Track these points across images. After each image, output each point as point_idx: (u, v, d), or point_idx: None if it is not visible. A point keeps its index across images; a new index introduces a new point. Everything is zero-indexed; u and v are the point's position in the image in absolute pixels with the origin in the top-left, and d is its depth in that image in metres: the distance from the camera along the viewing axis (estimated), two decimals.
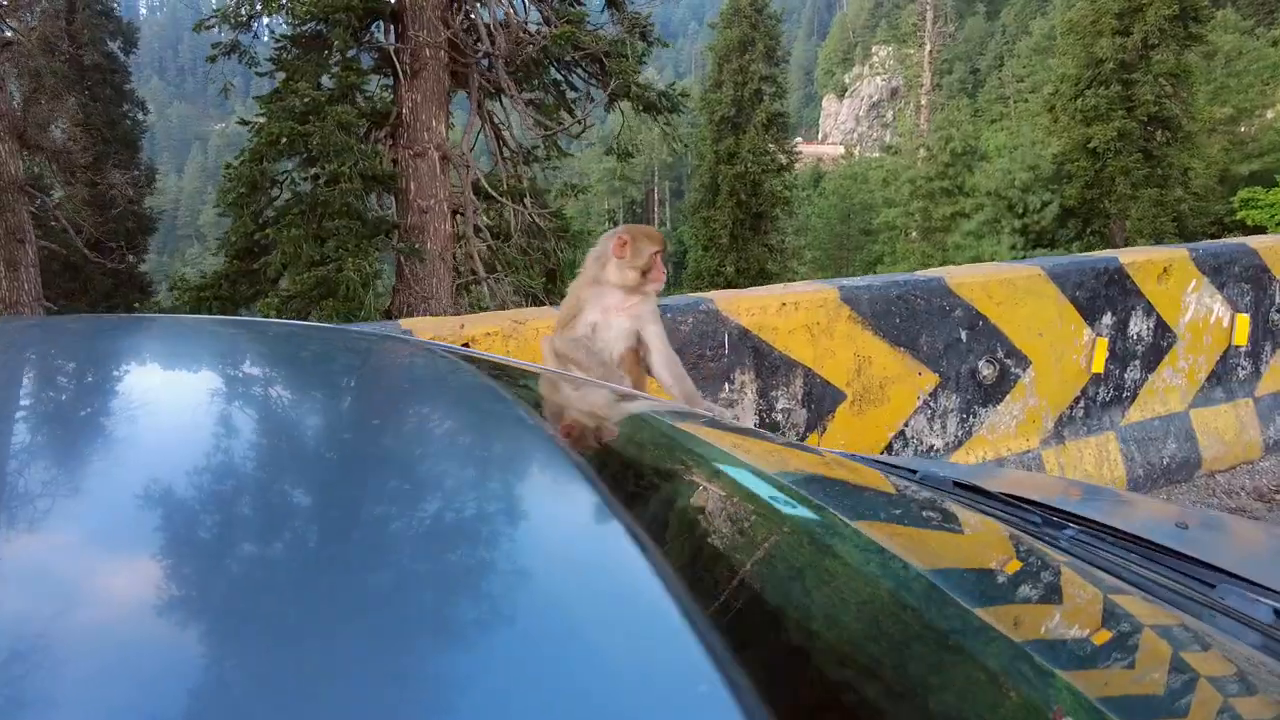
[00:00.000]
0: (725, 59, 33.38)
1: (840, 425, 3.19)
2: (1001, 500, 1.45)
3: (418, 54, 11.03)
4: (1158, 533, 1.36)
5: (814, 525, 1.02)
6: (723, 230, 33.80)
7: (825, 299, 3.13)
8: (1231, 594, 1.10)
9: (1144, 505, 1.65)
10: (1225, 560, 1.25)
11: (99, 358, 1.10)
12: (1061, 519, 1.39)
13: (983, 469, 2.17)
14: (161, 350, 1.20)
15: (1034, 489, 1.58)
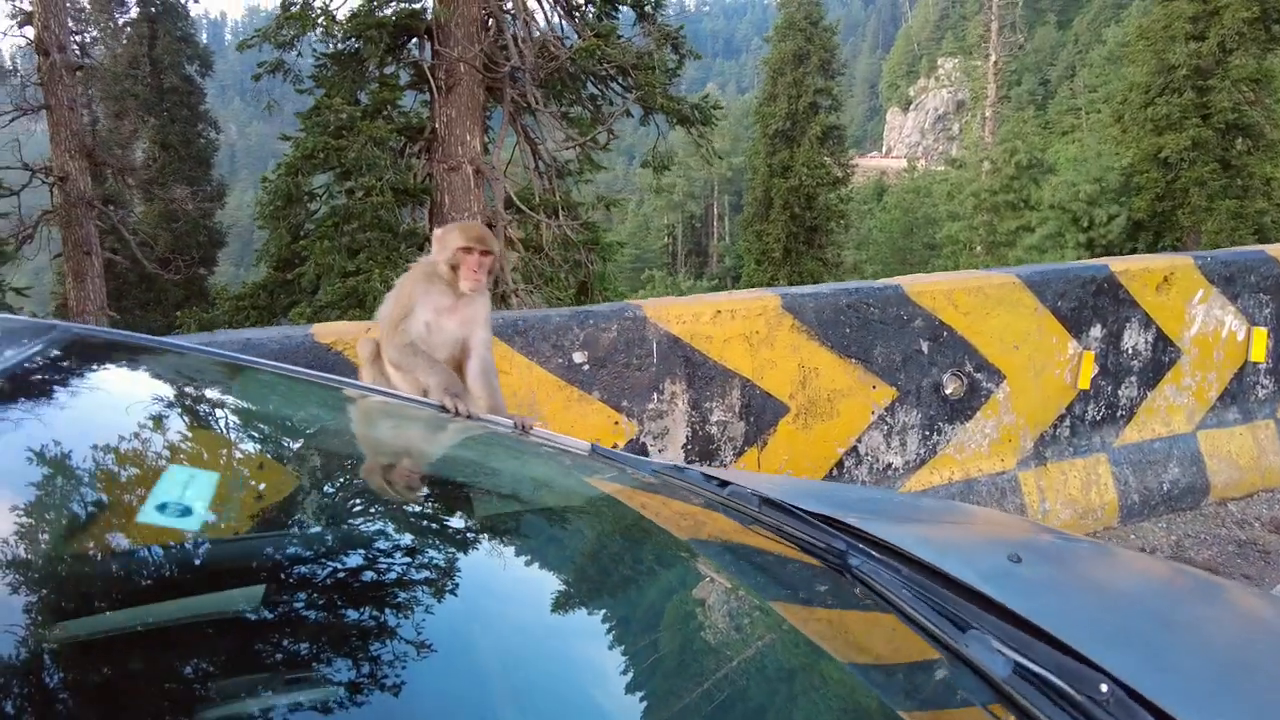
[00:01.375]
0: (779, 72, 33.14)
1: (783, 440, 3.01)
2: (807, 520, 1.29)
3: (452, 70, 11.19)
4: (976, 563, 1.19)
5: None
6: (775, 244, 33.46)
7: (765, 307, 2.96)
8: (976, 641, 0.93)
9: (985, 529, 1.46)
10: (1026, 603, 1.06)
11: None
12: (864, 542, 1.23)
13: (820, 487, 1.97)
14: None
15: (869, 509, 1.41)
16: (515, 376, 2.67)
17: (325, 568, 0.98)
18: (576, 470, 1.47)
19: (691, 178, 68.82)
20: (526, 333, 2.68)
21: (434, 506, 1.27)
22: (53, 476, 0.96)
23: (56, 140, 14.35)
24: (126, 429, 1.07)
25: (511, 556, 1.15)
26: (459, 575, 1.02)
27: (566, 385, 2.72)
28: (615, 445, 2.79)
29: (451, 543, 1.14)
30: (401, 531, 1.15)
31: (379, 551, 1.06)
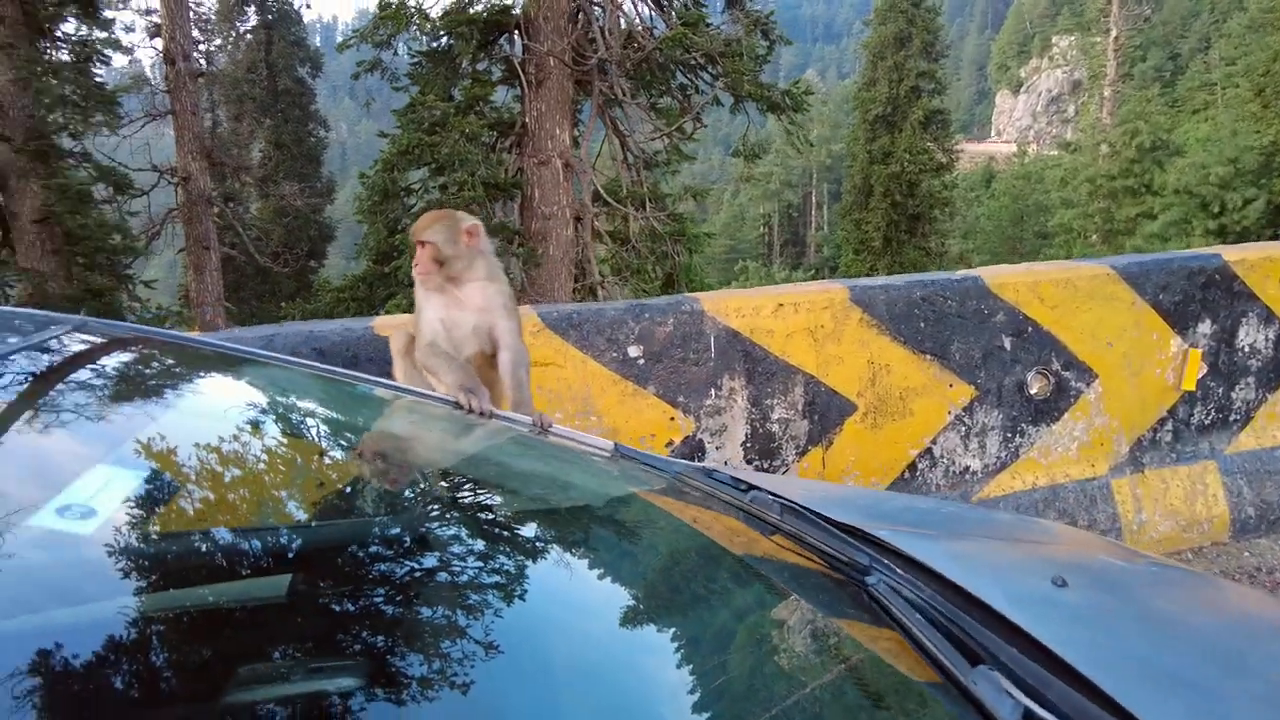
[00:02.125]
0: (880, 56, 32.12)
1: (850, 440, 2.87)
2: (830, 530, 1.20)
3: (542, 64, 11.31)
4: (1015, 585, 1.08)
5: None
6: (875, 233, 32.53)
7: (831, 300, 2.83)
8: (984, 679, 0.83)
9: (1037, 546, 1.31)
10: (1061, 634, 0.95)
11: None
12: (892, 556, 1.13)
13: (860, 495, 1.81)
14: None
15: (911, 520, 1.31)
16: (570, 370, 2.64)
17: (319, 560, 0.96)
18: (595, 471, 1.42)
19: (789, 166, 67.66)
20: (581, 326, 2.65)
21: (440, 506, 1.24)
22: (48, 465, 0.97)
23: (180, 143, 15.28)
24: (115, 420, 1.08)
25: (515, 559, 1.11)
26: (460, 579, 0.99)
27: (621, 380, 2.67)
28: (671, 442, 2.73)
29: (454, 545, 1.11)
30: (401, 531, 1.13)
31: (375, 552, 1.04)
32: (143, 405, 1.22)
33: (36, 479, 0.93)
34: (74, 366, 1.15)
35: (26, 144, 13.11)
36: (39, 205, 13.00)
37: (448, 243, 1.93)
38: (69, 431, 1.04)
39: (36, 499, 0.87)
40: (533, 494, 1.32)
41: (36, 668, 0.65)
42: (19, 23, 13.65)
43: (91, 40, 14.38)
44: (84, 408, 1.13)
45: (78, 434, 1.06)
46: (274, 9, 30.73)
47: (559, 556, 1.16)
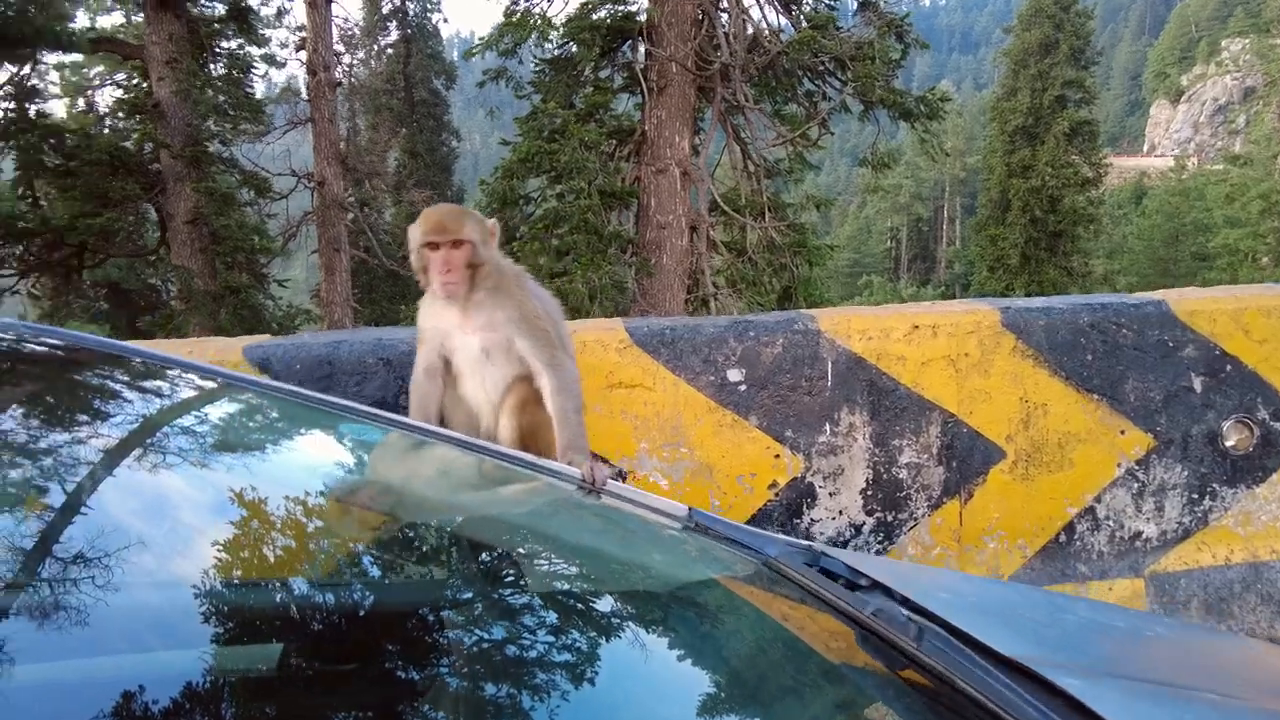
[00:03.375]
0: (1022, 64, 30.33)
1: (995, 492, 2.40)
2: (985, 665, 0.81)
3: (663, 70, 11.09)
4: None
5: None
6: (1012, 250, 30.70)
7: (979, 323, 2.37)
8: None
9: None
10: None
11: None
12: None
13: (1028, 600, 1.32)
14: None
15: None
16: (660, 394, 2.30)
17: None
18: (660, 545, 1.07)
19: (919, 178, 65.24)
20: (674, 344, 2.31)
21: (452, 591, 0.93)
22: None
23: (318, 149, 16.00)
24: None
25: (539, 675, 0.78)
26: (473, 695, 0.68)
27: (718, 407, 2.31)
28: (775, 484, 2.34)
29: (465, 646, 0.80)
30: (398, 622, 0.82)
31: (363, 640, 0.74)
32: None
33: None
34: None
35: (184, 150, 14.02)
36: (191, 207, 13.87)
37: (484, 244, 1.61)
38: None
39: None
40: (571, 578, 0.99)
41: None
42: (184, 39, 14.66)
43: (244, 54, 15.30)
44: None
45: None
46: (413, 24, 32.15)
47: (596, 670, 0.82)
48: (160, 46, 14.22)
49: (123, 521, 0.87)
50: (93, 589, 0.74)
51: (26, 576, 0.73)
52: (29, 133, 13.87)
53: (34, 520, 0.81)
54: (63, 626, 0.68)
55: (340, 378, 2.31)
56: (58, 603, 0.70)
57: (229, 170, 14.84)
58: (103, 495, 0.89)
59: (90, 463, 0.93)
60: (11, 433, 0.92)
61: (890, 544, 2.39)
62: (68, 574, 0.75)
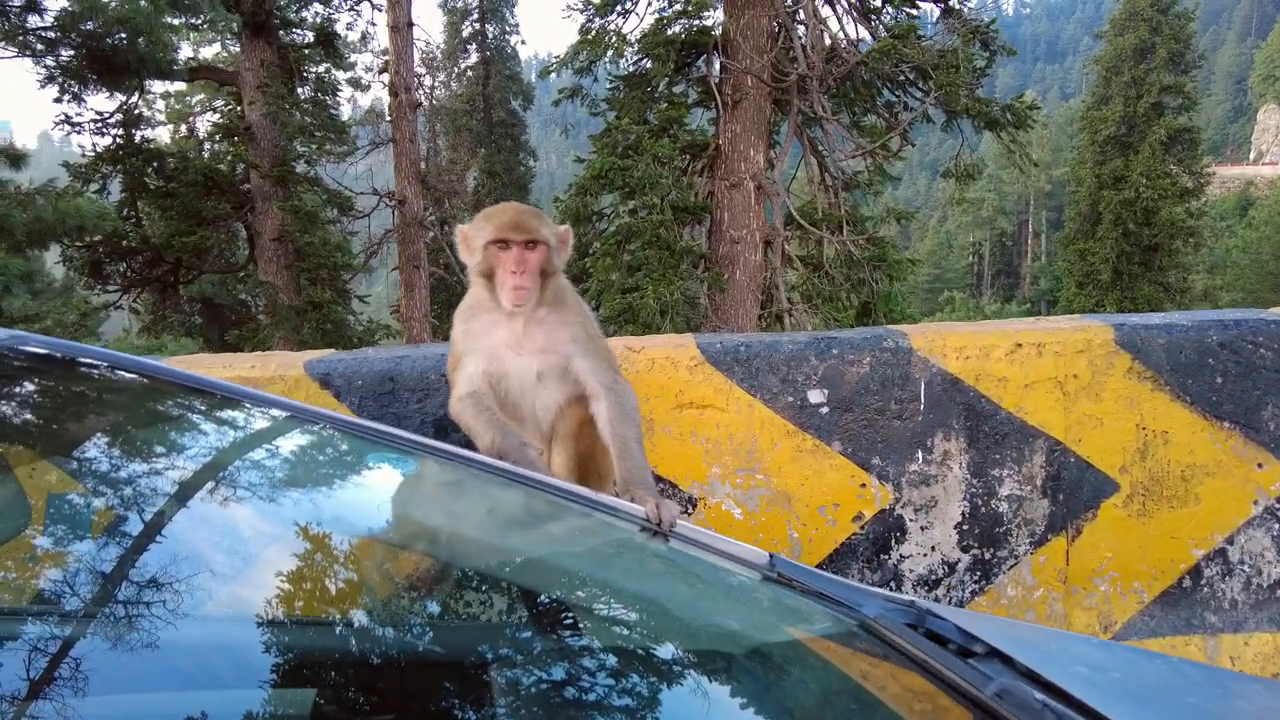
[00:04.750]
0: (1115, 70, 29.02)
1: (1106, 529, 2.15)
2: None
3: (739, 84, 10.97)
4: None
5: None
6: (1103, 265, 29.30)
7: (1090, 341, 2.14)
8: None
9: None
10: None
11: None
12: None
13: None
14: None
15: None
16: (733, 415, 2.15)
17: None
18: (735, 598, 0.92)
19: (1003, 191, 63.24)
20: (749, 361, 2.15)
21: (500, 641, 0.80)
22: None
23: (399, 169, 16.41)
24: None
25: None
26: None
27: (797, 431, 2.14)
28: (860, 515, 2.15)
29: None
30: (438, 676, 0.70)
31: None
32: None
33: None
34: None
35: (272, 170, 14.59)
36: (277, 225, 14.40)
37: (558, 251, 1.44)
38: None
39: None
40: (632, 632, 0.85)
41: None
42: (275, 65, 15.28)
43: (330, 78, 15.86)
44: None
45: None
46: (492, 46, 32.88)
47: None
48: (253, 72, 14.86)
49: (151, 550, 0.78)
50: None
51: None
52: (134, 157, 14.65)
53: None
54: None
55: (402, 394, 2.23)
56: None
57: (314, 189, 15.37)
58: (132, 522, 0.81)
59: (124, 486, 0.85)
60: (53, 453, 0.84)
61: (988, 583, 2.17)
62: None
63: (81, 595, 0.71)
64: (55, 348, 0.98)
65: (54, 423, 0.89)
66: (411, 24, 16.60)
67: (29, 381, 0.88)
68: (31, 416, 0.88)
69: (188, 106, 22.30)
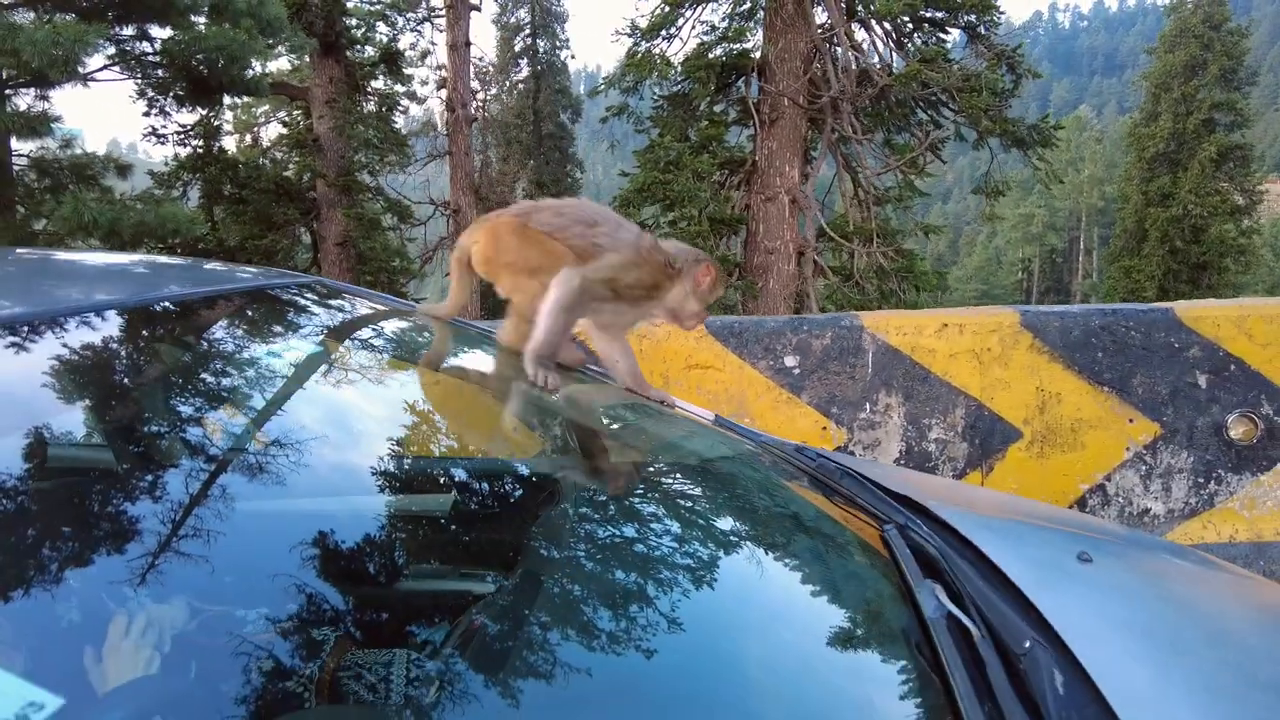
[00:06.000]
0: (1164, 87, 28.98)
1: (1013, 467, 2.81)
2: (877, 493, 1.36)
3: (776, 104, 11.67)
4: (1042, 560, 1.18)
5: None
6: (1148, 283, 29.17)
7: (1000, 323, 2.81)
8: (926, 589, 0.96)
9: (1058, 525, 1.33)
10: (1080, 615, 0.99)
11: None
12: (927, 520, 1.27)
13: (944, 485, 1.77)
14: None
15: (952, 499, 1.41)
16: (727, 374, 2.86)
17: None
18: (697, 435, 1.64)
19: (1053, 207, 62.47)
20: (741, 334, 2.86)
21: (561, 451, 1.53)
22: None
23: (454, 180, 17.36)
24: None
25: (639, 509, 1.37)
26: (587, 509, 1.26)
27: (775, 387, 2.85)
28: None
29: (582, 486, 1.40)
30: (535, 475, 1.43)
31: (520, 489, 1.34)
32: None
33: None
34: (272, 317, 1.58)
35: (337, 179, 15.65)
36: (340, 231, 15.45)
37: None
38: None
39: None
40: (628, 454, 1.58)
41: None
42: (342, 81, 16.37)
43: (392, 93, 16.92)
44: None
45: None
46: (543, 60, 33.90)
47: (656, 501, 1.40)
48: (322, 88, 15.98)
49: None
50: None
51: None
52: (211, 166, 15.83)
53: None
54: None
55: None
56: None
57: (375, 198, 16.43)
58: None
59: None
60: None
61: None
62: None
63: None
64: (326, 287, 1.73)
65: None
66: (469, 43, 17.59)
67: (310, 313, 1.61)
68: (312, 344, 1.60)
69: (253, 118, 23.70)
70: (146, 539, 0.74)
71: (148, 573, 0.69)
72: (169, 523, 0.76)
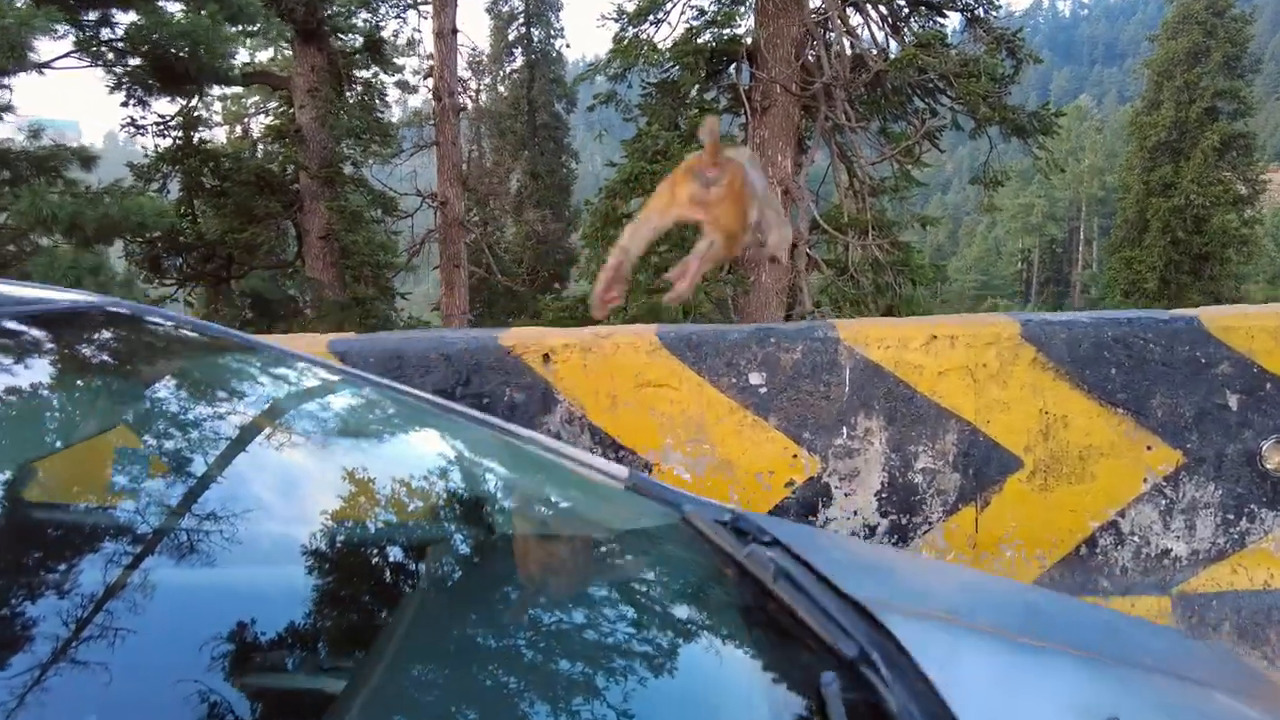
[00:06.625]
0: (1166, 75, 28.53)
1: (1011, 501, 2.44)
2: (827, 612, 0.99)
3: (768, 91, 11.25)
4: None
5: None
6: (1149, 273, 28.84)
7: (998, 334, 2.43)
8: None
9: (1088, 653, 0.95)
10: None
11: None
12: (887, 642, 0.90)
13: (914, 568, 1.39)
14: None
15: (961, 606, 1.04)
16: (685, 393, 2.48)
17: None
18: (593, 497, 1.26)
19: (1053, 197, 62.09)
20: (700, 348, 2.48)
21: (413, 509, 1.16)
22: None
23: (441, 171, 16.96)
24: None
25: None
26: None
27: (739, 408, 2.47)
28: (792, 482, 2.47)
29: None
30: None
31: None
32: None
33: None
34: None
35: (320, 171, 15.25)
36: (324, 224, 15.07)
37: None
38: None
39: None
40: (506, 523, 1.20)
41: None
42: (325, 70, 15.95)
43: (376, 81, 16.50)
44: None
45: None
46: (538, 50, 33.42)
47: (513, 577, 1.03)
48: (304, 77, 15.56)
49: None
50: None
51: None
52: (192, 158, 15.44)
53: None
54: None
55: (408, 370, 2.62)
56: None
57: (359, 190, 16.03)
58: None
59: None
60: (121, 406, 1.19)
61: (905, 545, 2.47)
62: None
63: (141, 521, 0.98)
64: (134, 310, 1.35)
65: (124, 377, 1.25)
66: (456, 30, 17.14)
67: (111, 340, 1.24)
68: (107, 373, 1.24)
69: (243, 109, 23.29)
70: None
71: None
72: None
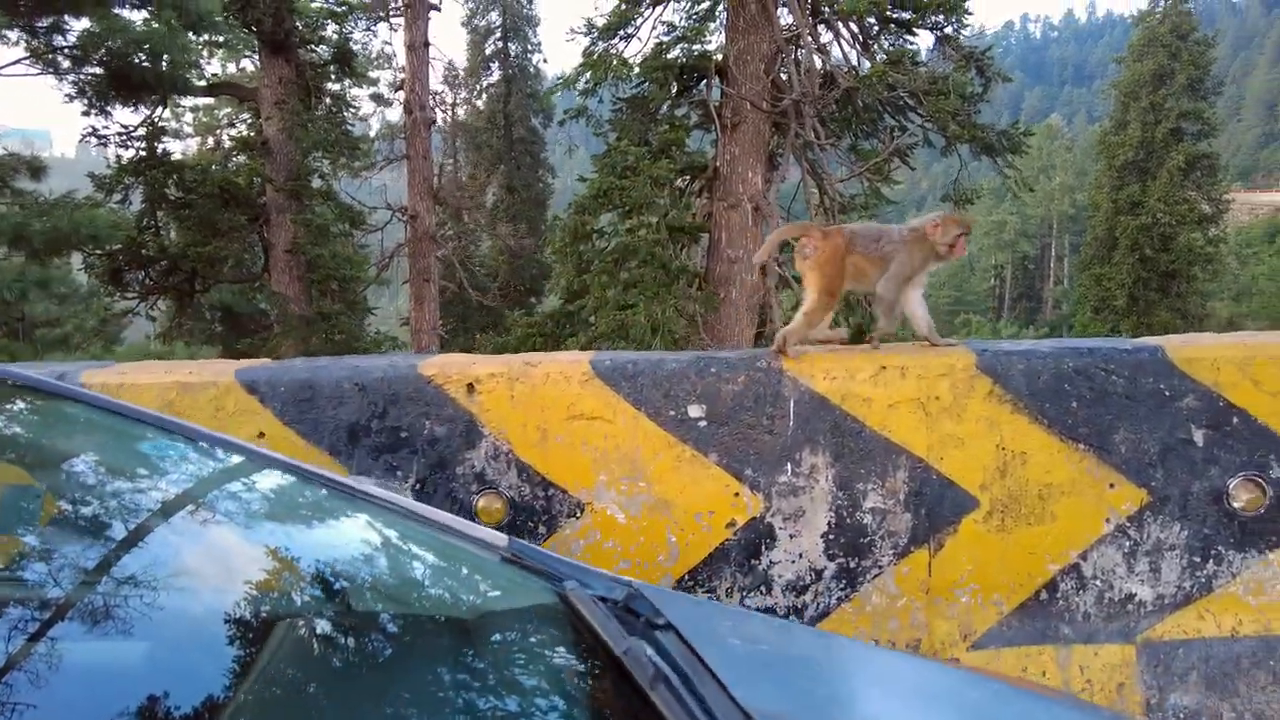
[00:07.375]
0: (1133, 96, 28.98)
1: (967, 543, 2.28)
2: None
3: (738, 108, 11.16)
4: None
5: None
6: (1118, 290, 29.16)
7: (952, 365, 2.28)
8: None
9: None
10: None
11: None
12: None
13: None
14: None
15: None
16: (619, 426, 2.31)
17: None
18: (463, 572, 1.08)
19: (1025, 215, 62.82)
20: (635, 378, 2.31)
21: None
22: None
23: (411, 185, 16.74)
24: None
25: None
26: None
27: (677, 442, 2.30)
28: (733, 522, 2.30)
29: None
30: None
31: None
32: None
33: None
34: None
35: (286, 184, 14.97)
36: (289, 237, 14.76)
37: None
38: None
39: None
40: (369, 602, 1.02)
41: None
42: (293, 82, 15.69)
43: (344, 93, 16.26)
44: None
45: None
46: (515, 65, 33.32)
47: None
48: (271, 89, 15.27)
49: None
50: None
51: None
52: (155, 169, 15.07)
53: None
54: None
55: (320, 401, 2.42)
56: None
57: (327, 203, 15.73)
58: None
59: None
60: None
61: (854, 591, 2.31)
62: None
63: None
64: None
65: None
66: (428, 44, 16.96)
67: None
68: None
69: (215, 120, 22.92)
70: None
71: None
72: None
